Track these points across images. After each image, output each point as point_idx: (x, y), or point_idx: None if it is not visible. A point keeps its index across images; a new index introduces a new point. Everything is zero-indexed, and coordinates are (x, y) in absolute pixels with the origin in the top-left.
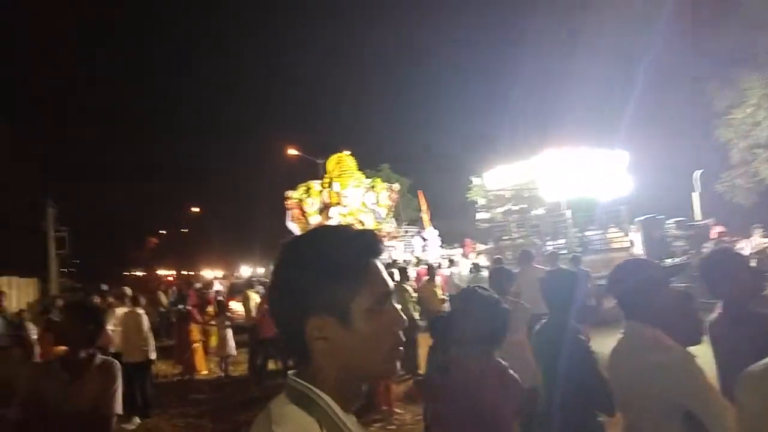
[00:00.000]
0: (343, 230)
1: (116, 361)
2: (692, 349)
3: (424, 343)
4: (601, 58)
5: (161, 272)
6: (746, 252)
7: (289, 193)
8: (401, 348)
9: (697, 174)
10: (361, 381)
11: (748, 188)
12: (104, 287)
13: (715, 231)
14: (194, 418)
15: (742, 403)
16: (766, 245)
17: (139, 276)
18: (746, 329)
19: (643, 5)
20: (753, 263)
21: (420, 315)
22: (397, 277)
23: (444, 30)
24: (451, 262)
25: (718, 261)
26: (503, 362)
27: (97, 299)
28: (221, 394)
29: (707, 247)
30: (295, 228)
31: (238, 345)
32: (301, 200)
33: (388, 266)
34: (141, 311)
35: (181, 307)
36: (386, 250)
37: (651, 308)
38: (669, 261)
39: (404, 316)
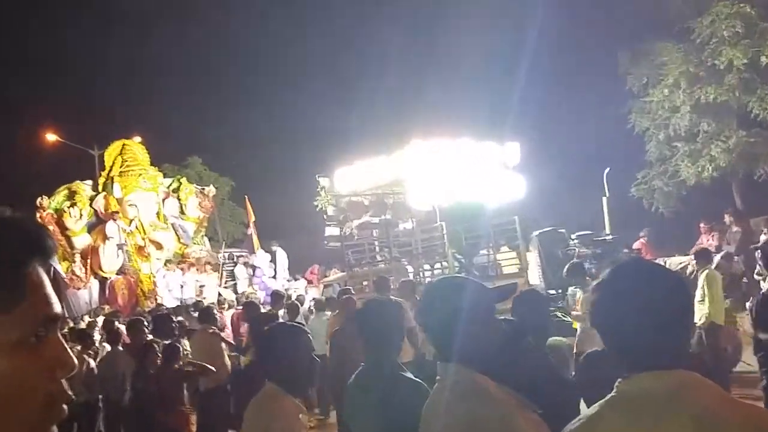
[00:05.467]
0: None
1: None
2: None
3: None
4: (475, 36)
5: None
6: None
7: (43, 201)
8: (60, 408)
9: (605, 173)
10: None
11: (668, 192)
12: None
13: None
14: None
15: None
16: (685, 263)
17: None
18: None
19: None
20: None
21: None
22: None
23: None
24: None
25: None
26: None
27: None
28: None
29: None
30: None
31: None
32: (60, 211)
33: (196, 306)
34: None
35: None
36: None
37: (472, 346)
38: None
39: (73, 358)
